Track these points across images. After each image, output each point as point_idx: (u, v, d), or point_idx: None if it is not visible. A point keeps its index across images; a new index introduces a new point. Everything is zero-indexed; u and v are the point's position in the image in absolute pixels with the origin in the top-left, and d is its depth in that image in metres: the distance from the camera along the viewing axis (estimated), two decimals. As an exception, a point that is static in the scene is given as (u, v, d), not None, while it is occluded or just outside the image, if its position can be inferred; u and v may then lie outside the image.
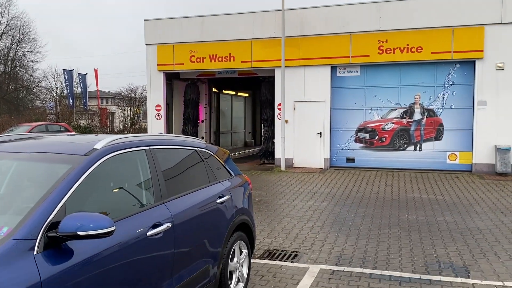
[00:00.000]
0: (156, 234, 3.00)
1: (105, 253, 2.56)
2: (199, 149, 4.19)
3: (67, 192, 2.48)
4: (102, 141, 2.96)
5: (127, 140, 3.17)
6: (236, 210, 4.28)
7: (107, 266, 2.55)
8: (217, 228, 3.90)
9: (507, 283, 4.65)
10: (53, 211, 2.35)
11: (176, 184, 3.56)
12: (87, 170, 2.68)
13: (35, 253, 2.19)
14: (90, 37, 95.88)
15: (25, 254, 2.15)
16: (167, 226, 3.11)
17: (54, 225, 2.31)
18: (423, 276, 4.87)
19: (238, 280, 4.29)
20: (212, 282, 3.77)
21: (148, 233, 2.93)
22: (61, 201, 2.42)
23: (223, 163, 4.53)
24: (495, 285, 4.60)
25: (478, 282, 4.70)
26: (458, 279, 4.78)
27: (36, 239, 2.22)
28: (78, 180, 2.58)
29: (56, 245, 2.31)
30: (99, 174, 2.77)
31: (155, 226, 3.02)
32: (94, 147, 2.87)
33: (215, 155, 4.41)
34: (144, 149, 3.29)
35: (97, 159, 2.78)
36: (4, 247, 2.10)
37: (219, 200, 4.00)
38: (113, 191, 2.99)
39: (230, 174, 4.58)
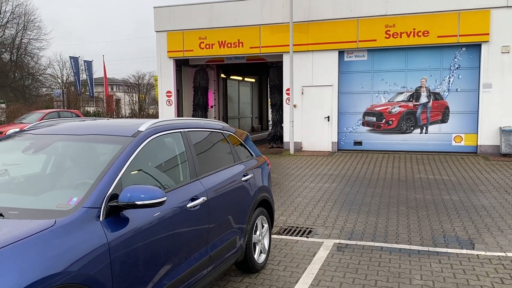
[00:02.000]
0: (194, 206, 3.36)
1: (154, 222, 2.93)
2: (224, 131, 4.54)
3: (122, 168, 2.84)
4: (145, 124, 3.30)
5: (165, 123, 3.52)
6: (258, 187, 4.63)
7: (156, 232, 2.92)
8: (242, 203, 4.26)
9: (509, 254, 5.01)
10: (112, 184, 2.71)
11: (206, 162, 3.91)
12: (136, 149, 3.03)
13: (101, 219, 2.56)
14: (88, 24, 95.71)
15: (93, 220, 2.52)
16: (203, 200, 3.48)
17: (113, 197, 2.68)
18: (431, 249, 5.23)
19: (261, 252, 4.67)
20: (239, 252, 4.15)
21: (188, 205, 3.30)
22: (117, 176, 2.78)
23: (244, 144, 4.88)
24: (498, 256, 4.96)
25: (482, 253, 5.06)
26: (464, 251, 5.14)
27: (101, 208, 2.58)
28: (129, 158, 2.94)
29: (115, 213, 2.68)
30: (144, 153, 3.13)
31: (193, 199, 3.38)
32: (139, 129, 3.22)
33: (234, 135, 4.75)
34: (180, 131, 3.64)
35: (143, 140, 3.14)
36: (78, 213, 2.47)
37: (243, 178, 4.36)
38: (157, 168, 3.35)
39: (252, 155, 4.93)
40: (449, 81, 13.62)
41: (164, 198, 2.72)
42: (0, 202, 2.73)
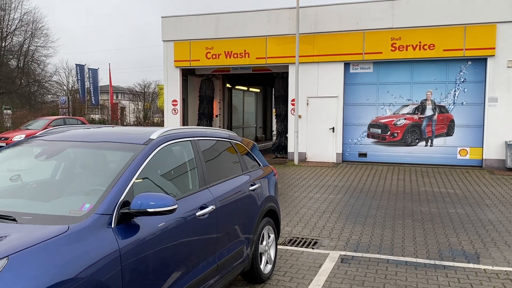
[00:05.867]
0: (203, 214, 3.37)
1: (164, 229, 2.93)
2: (231, 140, 4.56)
3: (134, 176, 2.86)
4: (156, 132, 3.33)
5: (176, 132, 3.55)
6: (265, 197, 4.64)
7: (165, 240, 2.93)
8: (250, 213, 4.27)
9: (516, 269, 4.98)
10: (124, 191, 2.73)
11: (215, 171, 3.92)
12: (147, 157, 3.06)
13: (112, 226, 2.57)
14: (89, 33, 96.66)
15: (105, 226, 2.53)
16: (212, 208, 3.49)
17: (125, 204, 2.69)
18: (437, 262, 5.20)
19: (267, 262, 4.66)
20: (245, 262, 4.15)
21: (197, 214, 3.31)
22: (129, 183, 2.80)
23: (251, 153, 4.89)
24: (506, 271, 4.92)
25: (490, 267, 5.02)
26: (470, 265, 5.10)
27: (112, 215, 2.60)
28: (141, 165, 2.96)
29: (127, 220, 2.69)
30: (155, 161, 3.15)
31: (202, 207, 3.39)
32: (150, 137, 3.25)
33: (241, 144, 4.76)
34: (190, 140, 3.67)
35: (154, 148, 3.16)
36: (90, 220, 2.48)
37: (251, 188, 4.36)
38: (167, 176, 3.37)
39: (259, 164, 4.94)
40: (455, 94, 13.64)
41: (175, 206, 2.73)
42: (13, 207, 2.76)
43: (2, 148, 3.56)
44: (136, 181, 2.87)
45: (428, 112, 13.92)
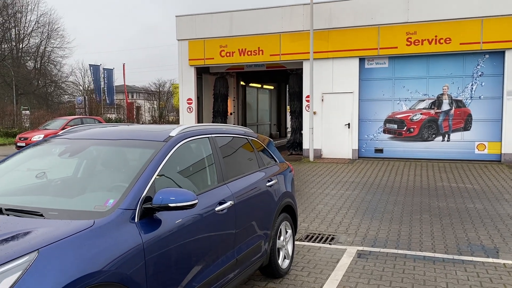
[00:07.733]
0: (222, 210, 3.43)
1: (185, 224, 3.00)
2: (248, 136, 4.60)
3: (155, 172, 2.93)
4: (175, 129, 3.40)
5: (194, 129, 3.61)
6: (282, 193, 4.67)
7: (186, 234, 3.00)
8: (267, 208, 4.31)
9: (537, 263, 4.92)
10: (146, 187, 2.80)
11: (232, 167, 3.97)
12: (168, 154, 3.13)
13: (135, 221, 2.64)
14: (102, 33, 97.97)
15: (128, 221, 2.60)
16: (231, 204, 3.54)
17: (147, 199, 2.76)
18: (456, 257, 5.17)
19: (284, 257, 4.70)
20: (264, 256, 4.19)
21: (216, 209, 3.37)
22: (151, 179, 2.87)
23: (268, 150, 4.94)
24: (525, 265, 4.88)
25: (509, 262, 4.98)
26: (490, 259, 5.07)
27: (136, 209, 2.67)
28: (162, 162, 3.03)
29: (149, 215, 2.76)
30: (175, 157, 3.22)
31: (220, 203, 3.45)
32: (170, 134, 3.32)
33: (257, 140, 4.80)
34: (208, 137, 3.73)
35: (174, 145, 3.23)
36: (115, 214, 2.56)
37: (268, 184, 4.40)
38: (186, 171, 3.44)
39: (275, 161, 4.98)
40: (472, 88, 13.46)
41: (196, 201, 2.79)
42: (40, 203, 2.85)
43: (25, 147, 3.67)
44: (157, 177, 2.94)
45: (445, 106, 13.77)
